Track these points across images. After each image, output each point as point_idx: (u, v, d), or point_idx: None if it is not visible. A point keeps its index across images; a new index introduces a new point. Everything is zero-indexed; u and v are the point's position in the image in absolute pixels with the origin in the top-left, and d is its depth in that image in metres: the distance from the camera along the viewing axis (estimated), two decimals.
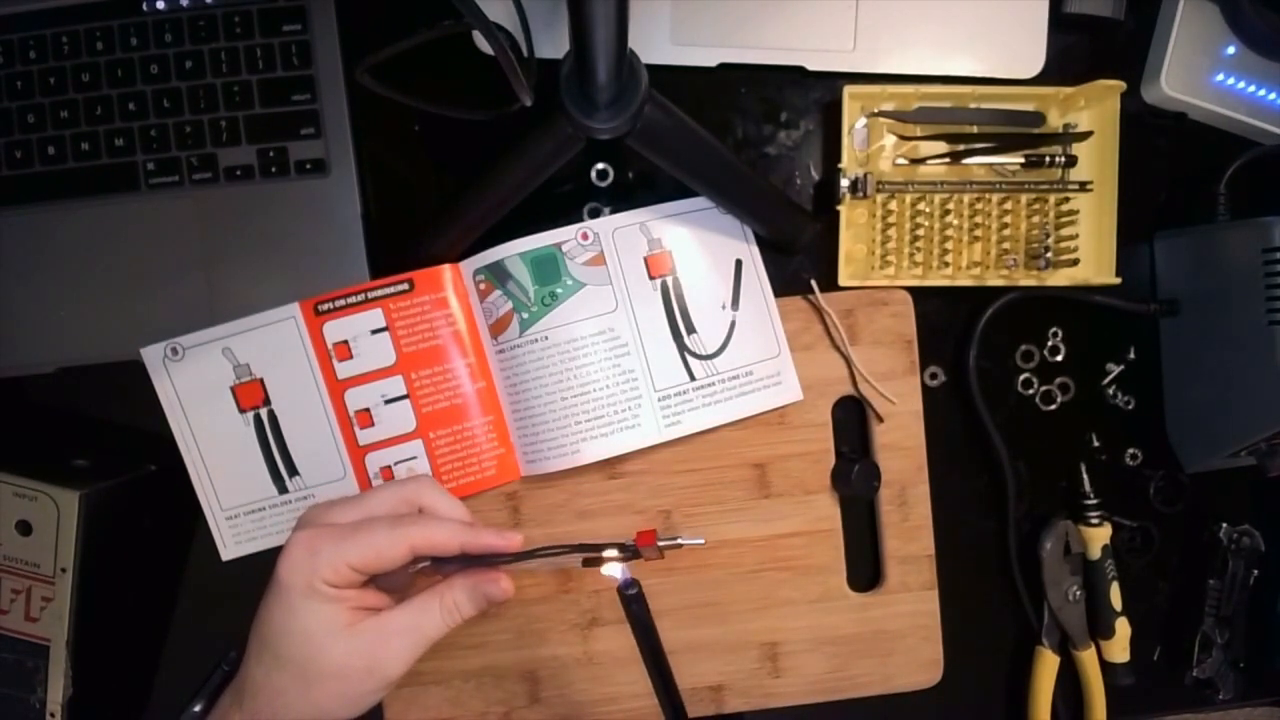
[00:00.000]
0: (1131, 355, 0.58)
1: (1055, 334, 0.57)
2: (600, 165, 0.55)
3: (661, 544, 0.41)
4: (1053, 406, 0.57)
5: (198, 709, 0.48)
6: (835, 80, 0.54)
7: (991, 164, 0.55)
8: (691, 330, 0.52)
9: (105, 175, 0.51)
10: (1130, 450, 0.58)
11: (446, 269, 0.52)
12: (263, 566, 0.51)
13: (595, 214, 0.54)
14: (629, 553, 0.41)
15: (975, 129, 0.54)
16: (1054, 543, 0.55)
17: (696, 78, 0.54)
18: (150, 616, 0.54)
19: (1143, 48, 0.56)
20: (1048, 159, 0.54)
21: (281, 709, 0.38)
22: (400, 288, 0.51)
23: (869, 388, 0.54)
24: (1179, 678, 0.57)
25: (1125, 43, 0.57)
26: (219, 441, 0.51)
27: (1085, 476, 0.56)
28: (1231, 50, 0.55)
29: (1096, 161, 0.55)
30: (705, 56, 0.54)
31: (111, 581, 0.49)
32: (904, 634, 0.55)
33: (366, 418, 0.51)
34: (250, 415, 0.51)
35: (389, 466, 0.52)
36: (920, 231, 0.54)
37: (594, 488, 0.54)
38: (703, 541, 0.43)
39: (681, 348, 0.52)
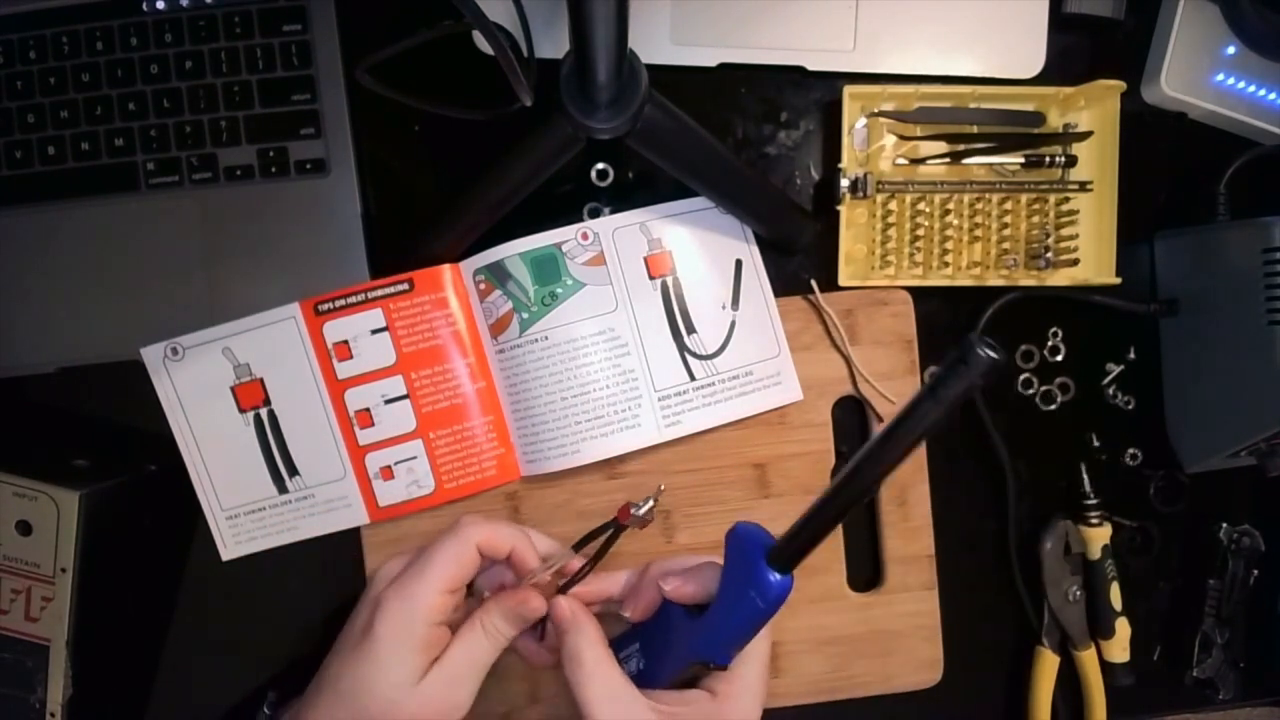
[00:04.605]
0: (1131, 355, 0.58)
1: (1055, 334, 0.57)
2: (600, 165, 0.55)
3: (638, 512, 0.50)
4: (1053, 406, 0.57)
5: None
6: (835, 80, 0.54)
7: (991, 164, 0.55)
8: (691, 330, 0.52)
9: (105, 175, 0.51)
10: (1130, 450, 0.58)
11: (446, 269, 0.52)
12: (263, 566, 0.52)
13: (595, 214, 0.54)
14: (616, 529, 0.50)
15: (975, 129, 0.54)
16: (1054, 543, 0.55)
17: (696, 78, 0.54)
18: (150, 616, 0.54)
19: (1143, 48, 0.56)
20: (1048, 159, 0.54)
21: None
22: (400, 288, 0.51)
23: (869, 388, 0.54)
24: (1179, 678, 0.57)
25: (1125, 43, 0.57)
26: (219, 441, 0.51)
27: (1085, 476, 0.56)
28: (1231, 50, 0.55)
29: (1096, 161, 0.55)
30: (705, 56, 0.54)
31: (111, 581, 0.49)
32: (904, 634, 0.55)
33: (366, 418, 0.51)
34: (250, 415, 0.51)
35: (389, 466, 0.52)
36: (920, 231, 0.54)
37: (594, 488, 0.53)
38: (663, 487, 0.52)
39: (681, 348, 0.52)
